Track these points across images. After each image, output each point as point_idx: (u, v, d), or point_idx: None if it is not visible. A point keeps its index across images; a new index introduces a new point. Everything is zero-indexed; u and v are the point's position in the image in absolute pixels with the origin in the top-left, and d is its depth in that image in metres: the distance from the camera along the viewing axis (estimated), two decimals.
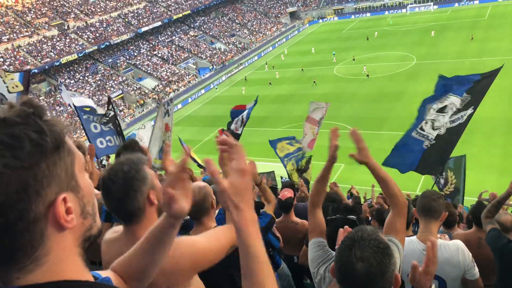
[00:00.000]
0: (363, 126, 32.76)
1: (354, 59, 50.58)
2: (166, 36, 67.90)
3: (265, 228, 3.93)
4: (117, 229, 2.18)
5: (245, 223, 1.25)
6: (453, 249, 3.02)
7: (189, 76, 58.58)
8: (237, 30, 74.79)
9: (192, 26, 73.05)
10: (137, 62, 59.52)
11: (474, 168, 24.89)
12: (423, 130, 6.60)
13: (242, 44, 69.99)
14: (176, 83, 56.18)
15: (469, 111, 6.55)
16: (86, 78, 54.14)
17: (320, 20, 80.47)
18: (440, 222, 3.20)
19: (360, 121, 33.92)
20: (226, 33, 72.85)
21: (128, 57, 60.48)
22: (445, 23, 59.40)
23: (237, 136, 8.44)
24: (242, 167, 1.29)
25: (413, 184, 22.95)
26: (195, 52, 64.95)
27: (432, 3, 70.85)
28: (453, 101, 6.37)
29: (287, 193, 4.98)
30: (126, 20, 64.62)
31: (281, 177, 16.94)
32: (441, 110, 6.45)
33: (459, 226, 5.59)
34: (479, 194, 7.71)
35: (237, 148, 1.32)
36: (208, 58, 63.79)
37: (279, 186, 9.09)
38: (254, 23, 78.31)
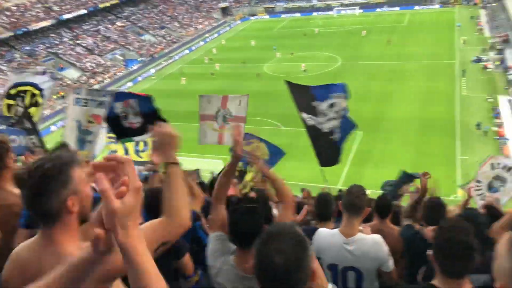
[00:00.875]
0: (290, 124, 33.65)
1: (292, 53, 52.10)
2: (91, 25, 64.53)
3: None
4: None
5: (132, 242, 1.22)
6: (371, 242, 3.24)
7: (116, 68, 56.29)
8: (168, 22, 73.10)
9: (119, 16, 70.13)
10: (59, 51, 55.96)
11: (392, 164, 26.68)
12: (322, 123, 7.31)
13: (172, 37, 68.58)
14: (102, 75, 53.71)
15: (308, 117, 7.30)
16: (0, 66, 49.95)
17: (252, 17, 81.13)
18: (363, 217, 3.41)
19: (288, 119, 34.76)
20: (155, 25, 70.90)
21: (48, 45, 56.64)
22: (369, 26, 62.63)
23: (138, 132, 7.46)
24: (135, 185, 1.25)
25: (336, 178, 24.15)
26: (123, 43, 62.49)
27: (357, 7, 74.36)
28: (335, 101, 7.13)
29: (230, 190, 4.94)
30: (47, 5, 60.45)
31: (213, 173, 16.90)
32: (330, 107, 7.12)
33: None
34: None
35: (128, 164, 1.28)
36: (137, 50, 61.70)
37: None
38: (185, 16, 77.03)
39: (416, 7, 71.00)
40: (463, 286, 2.21)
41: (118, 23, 67.75)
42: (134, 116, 7.48)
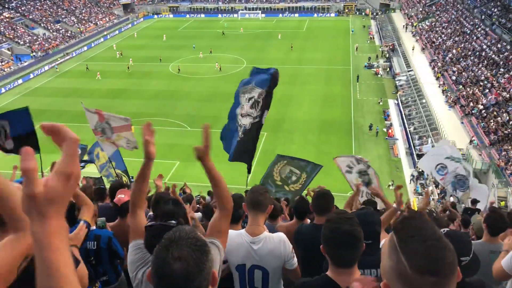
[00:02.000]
0: (196, 124, 33.39)
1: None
2: None
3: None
4: None
5: (46, 234, 1.02)
6: (277, 241, 3.27)
7: (3, 63, 50.98)
8: (63, 16, 68.14)
9: (6, 6, 63.71)
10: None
11: None
12: (240, 121, 7.12)
13: (69, 32, 64.06)
14: None
15: (265, 114, 7.20)
16: None
17: (155, 16, 79.11)
18: (267, 215, 3.43)
19: (194, 119, 34.49)
20: (49, 19, 65.66)
21: None
22: (271, 31, 64.65)
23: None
24: (70, 170, 1.04)
25: (243, 178, 24.48)
26: (11, 36, 56.82)
27: (260, 12, 76.41)
28: (255, 92, 7.01)
29: (124, 196, 4.66)
30: None
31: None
32: (249, 100, 7.04)
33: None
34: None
35: (73, 144, 1.06)
36: (28, 44, 56.54)
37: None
38: (83, 11, 72.46)
39: (315, 15, 75.15)
40: (353, 274, 2.29)
41: (5, 14, 61.47)
42: (5, 139, 7.15)
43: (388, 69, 45.86)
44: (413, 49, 48.14)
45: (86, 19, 70.15)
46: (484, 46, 40.48)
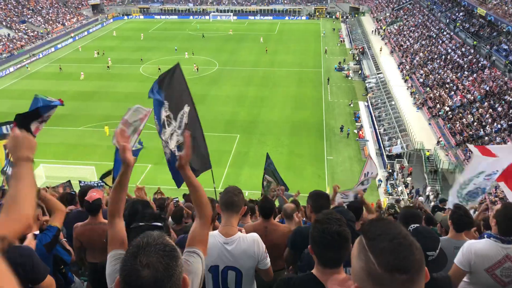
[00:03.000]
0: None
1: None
2: None
3: (50, 243, 3.57)
4: None
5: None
6: (250, 241, 3.29)
7: None
8: (29, 16, 66.19)
9: None
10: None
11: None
12: (169, 145, 6.79)
13: (35, 32, 62.26)
14: None
15: (186, 109, 6.89)
16: None
17: (125, 17, 77.89)
18: (240, 215, 3.44)
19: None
20: (14, 18, 63.64)
21: None
22: (243, 33, 64.74)
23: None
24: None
25: (212, 181, 24.34)
26: None
27: (232, 14, 76.40)
28: (161, 114, 6.64)
29: (95, 194, 4.62)
30: None
31: (80, 181, 15.75)
32: (164, 125, 6.74)
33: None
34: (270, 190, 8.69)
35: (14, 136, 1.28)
36: None
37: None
38: (51, 11, 70.59)
39: (286, 18, 75.75)
40: (339, 275, 2.32)
41: None
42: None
43: (358, 71, 46.72)
44: (380, 50, 49.27)
45: (53, 19, 68.38)
46: (449, 50, 41.82)
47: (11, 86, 44.81)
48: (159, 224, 2.31)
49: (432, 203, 13.17)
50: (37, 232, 3.93)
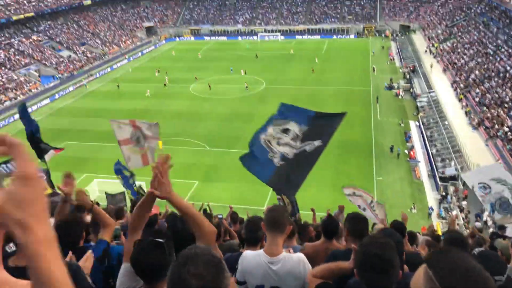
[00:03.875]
0: (217, 144, 33.63)
1: (209, 86, 51.77)
2: (3, 38, 60.13)
3: (102, 257, 3.62)
4: None
5: (34, 244, 0.96)
6: (295, 261, 3.21)
7: (30, 84, 52.67)
8: (89, 39, 70.34)
9: (35, 30, 66.21)
10: None
11: (311, 185, 27.55)
12: (270, 143, 7.11)
13: (94, 54, 65.97)
14: (14, 91, 49.91)
15: (316, 143, 7.19)
16: None
17: (177, 38, 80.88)
18: (285, 235, 3.37)
19: (214, 139, 34.74)
20: (75, 41, 67.85)
21: None
22: (291, 52, 65.18)
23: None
24: (26, 171, 0.99)
25: (262, 199, 24.32)
26: (38, 58, 58.83)
27: (279, 34, 77.27)
28: (293, 126, 7.02)
29: (152, 209, 4.73)
30: None
31: (106, 193, 16.16)
32: (285, 131, 7.04)
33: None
34: (327, 210, 8.51)
35: (19, 148, 1.02)
36: (54, 65, 58.38)
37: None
38: (108, 33, 74.70)
39: (334, 37, 75.55)
40: None
41: (34, 37, 63.85)
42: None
43: (409, 90, 45.51)
44: (431, 66, 47.91)
45: (110, 41, 72.22)
46: (508, 67, 39.86)
47: (71, 104, 47.49)
48: (161, 240, 2.38)
49: (491, 229, 12.43)
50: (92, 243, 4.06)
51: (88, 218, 4.86)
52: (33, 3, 67.71)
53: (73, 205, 3.86)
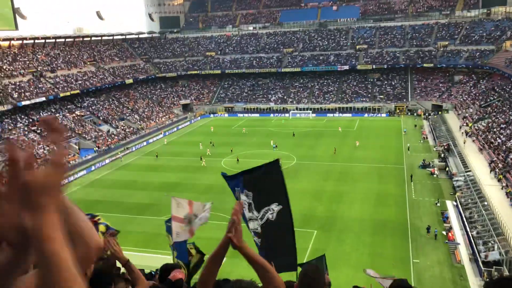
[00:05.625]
0: None
1: (238, 159, 52.53)
2: (50, 113, 64.12)
3: None
4: None
5: (45, 227, 0.97)
6: None
7: (70, 156, 54.90)
8: (128, 114, 73.97)
9: (79, 106, 70.50)
10: (10, 137, 54.38)
11: (345, 265, 26.28)
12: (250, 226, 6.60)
13: (131, 128, 68.92)
14: None
15: (274, 207, 6.56)
16: None
17: (211, 115, 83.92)
18: None
19: None
20: (115, 116, 71.42)
21: (0, 130, 55.19)
22: (322, 129, 66.01)
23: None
24: (62, 159, 1.06)
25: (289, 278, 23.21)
26: (79, 132, 61.89)
27: (310, 112, 78.97)
28: (242, 196, 6.57)
29: (179, 274, 4.68)
30: (7, 92, 60.09)
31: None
32: (250, 206, 6.57)
33: None
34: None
35: (61, 137, 1.11)
36: (93, 139, 61.10)
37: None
38: (146, 110, 78.48)
39: (366, 115, 76.41)
40: None
41: (77, 112, 67.78)
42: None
43: (444, 169, 44.45)
44: (464, 143, 47.30)
45: (148, 116, 75.62)
46: None
47: (105, 176, 48.80)
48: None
49: None
50: None
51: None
52: (80, 82, 72.81)
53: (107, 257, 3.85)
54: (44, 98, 63.39)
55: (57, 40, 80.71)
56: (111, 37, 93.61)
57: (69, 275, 0.96)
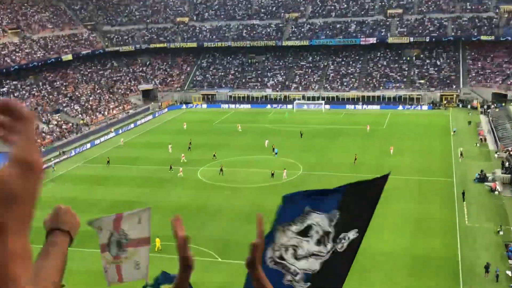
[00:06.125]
0: (232, 254, 32.96)
1: (222, 170, 51.95)
2: None
3: None
4: None
5: (4, 258, 0.96)
6: None
7: None
8: (65, 104, 73.53)
9: None
10: None
11: None
12: (284, 259, 6.46)
13: (70, 124, 68.48)
14: None
15: (351, 234, 6.47)
16: None
17: (184, 106, 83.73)
18: None
19: (228, 247, 34.17)
20: (47, 107, 70.95)
21: None
22: (338, 127, 66.10)
23: None
24: (30, 156, 1.01)
25: None
26: None
27: (323, 102, 78.96)
28: (316, 220, 6.35)
29: None
30: None
31: None
32: (304, 233, 6.39)
33: None
34: None
35: (28, 123, 1.04)
36: None
37: None
38: (91, 98, 77.98)
39: (400, 107, 76.53)
40: None
41: None
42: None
43: (510, 183, 44.70)
44: None
45: (93, 108, 75.16)
46: None
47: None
48: None
49: None
50: None
51: None
52: None
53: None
54: None
55: None
56: None
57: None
